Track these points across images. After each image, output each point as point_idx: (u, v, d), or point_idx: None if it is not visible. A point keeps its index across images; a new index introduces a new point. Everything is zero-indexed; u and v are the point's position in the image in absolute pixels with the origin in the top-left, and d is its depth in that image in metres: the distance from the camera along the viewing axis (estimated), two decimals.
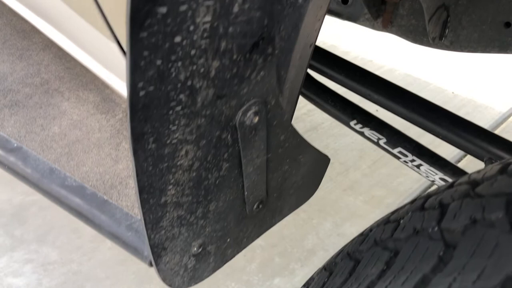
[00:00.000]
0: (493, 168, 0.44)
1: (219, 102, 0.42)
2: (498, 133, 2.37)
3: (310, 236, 1.72)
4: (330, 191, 1.92)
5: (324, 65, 1.22)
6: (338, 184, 1.97)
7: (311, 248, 1.66)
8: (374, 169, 2.05)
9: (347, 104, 1.24)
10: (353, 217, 1.80)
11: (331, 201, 1.87)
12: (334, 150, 2.16)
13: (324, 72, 1.23)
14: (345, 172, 2.03)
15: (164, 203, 0.49)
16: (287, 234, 1.72)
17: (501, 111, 2.49)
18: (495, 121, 2.42)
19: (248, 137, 0.51)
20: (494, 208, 0.35)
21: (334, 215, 1.81)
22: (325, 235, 1.72)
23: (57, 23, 0.75)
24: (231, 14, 0.34)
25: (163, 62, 0.34)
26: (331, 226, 1.76)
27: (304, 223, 1.77)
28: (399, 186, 1.96)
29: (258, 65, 0.41)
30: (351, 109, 1.22)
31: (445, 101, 2.61)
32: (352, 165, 2.07)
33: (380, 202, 1.87)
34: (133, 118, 0.36)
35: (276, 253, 1.63)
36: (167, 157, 0.43)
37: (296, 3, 0.43)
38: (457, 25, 0.91)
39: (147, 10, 0.30)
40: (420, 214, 0.43)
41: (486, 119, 2.45)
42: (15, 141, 0.72)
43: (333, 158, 2.13)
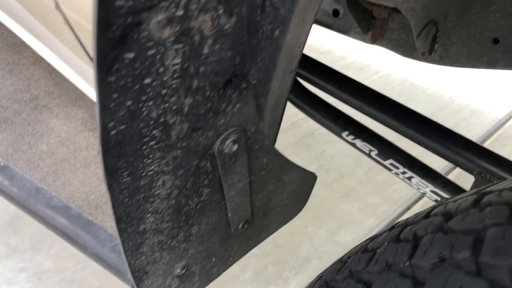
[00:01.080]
0: (468, 199, 0.45)
1: (195, 134, 0.42)
2: (495, 139, 2.37)
3: (305, 244, 1.72)
4: (325, 198, 1.93)
5: (317, 76, 1.22)
6: (333, 191, 1.97)
7: (305, 256, 1.66)
8: (369, 176, 2.05)
9: (339, 115, 1.24)
10: (348, 225, 1.80)
11: (326, 208, 1.87)
12: (330, 157, 2.16)
13: (316, 83, 1.23)
14: (340, 179, 2.03)
15: (143, 230, 0.49)
16: (282, 242, 1.72)
17: (498, 116, 2.49)
18: (492, 127, 2.42)
19: (228, 163, 0.51)
20: (461, 247, 0.35)
21: (329, 222, 1.81)
22: (320, 243, 1.72)
23: (45, 40, 0.75)
24: (201, 55, 0.34)
25: (133, 102, 0.34)
26: (326, 234, 1.76)
27: (298, 230, 1.77)
28: (394, 193, 1.96)
29: (233, 99, 0.41)
30: (343, 120, 1.22)
31: (442, 106, 2.61)
32: (348, 172, 2.07)
33: (375, 210, 1.88)
34: (105, 155, 0.36)
35: (270, 261, 1.63)
36: (144, 188, 0.43)
37: (272, 36, 0.43)
38: (446, 40, 0.91)
39: (114, 56, 0.30)
40: (395, 246, 0.43)
41: (483, 125, 2.45)
42: (2, 159, 0.72)
43: (329, 164, 2.14)
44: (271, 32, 0.43)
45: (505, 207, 0.38)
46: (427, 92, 2.71)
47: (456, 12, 0.87)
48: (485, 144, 2.29)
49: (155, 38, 0.31)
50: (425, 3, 0.81)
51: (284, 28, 0.43)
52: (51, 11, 0.44)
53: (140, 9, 0.28)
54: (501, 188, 0.44)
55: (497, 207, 0.39)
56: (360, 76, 2.80)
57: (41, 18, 0.56)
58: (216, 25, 0.33)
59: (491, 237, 0.35)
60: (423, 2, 0.80)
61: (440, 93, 2.69)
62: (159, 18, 0.30)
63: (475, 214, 0.40)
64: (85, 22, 0.42)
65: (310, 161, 2.13)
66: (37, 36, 0.78)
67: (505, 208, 0.38)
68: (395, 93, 2.67)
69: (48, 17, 0.49)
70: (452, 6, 0.87)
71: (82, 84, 0.73)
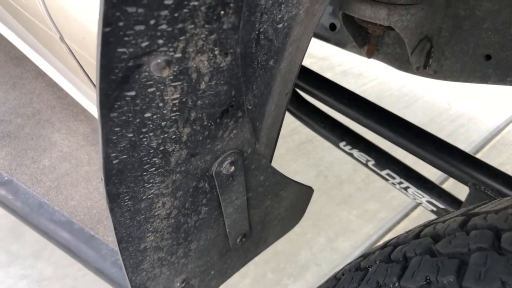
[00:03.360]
0: (456, 220, 0.46)
1: (193, 159, 0.44)
2: (492, 145, 2.39)
3: (304, 251, 1.73)
4: (324, 205, 1.94)
5: (315, 87, 1.24)
6: (332, 198, 1.99)
7: (304, 263, 1.68)
8: (367, 182, 2.07)
9: (336, 125, 1.26)
10: (346, 232, 1.82)
11: (325, 215, 1.89)
12: (328, 163, 2.18)
13: (314, 94, 1.25)
14: (339, 185, 2.05)
15: (143, 248, 0.51)
16: (281, 249, 1.74)
17: (495, 123, 2.51)
18: (490, 133, 2.44)
19: (225, 183, 0.53)
20: (447, 271, 0.37)
21: (327, 229, 1.83)
22: (318, 250, 1.74)
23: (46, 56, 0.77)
24: (198, 90, 0.36)
25: (134, 134, 0.36)
26: (325, 241, 1.78)
27: (298, 238, 1.79)
28: (392, 200, 1.97)
29: (229, 126, 0.43)
30: (340, 130, 1.24)
31: (440, 112, 2.63)
32: (346, 179, 2.09)
33: (373, 217, 1.89)
34: (108, 182, 0.38)
35: (269, 268, 1.65)
36: (144, 210, 0.45)
37: (267, 66, 0.45)
38: (440, 56, 0.93)
39: (116, 95, 0.32)
40: (385, 266, 0.45)
41: (481, 131, 2.47)
42: (6, 174, 0.74)
43: (327, 171, 2.16)
44: (266, 62, 0.44)
45: (489, 232, 0.40)
46: (425, 98, 2.73)
47: (449, 29, 0.89)
48: (483, 150, 2.31)
49: (155, 77, 0.33)
50: (419, 21, 0.83)
51: (278, 58, 0.45)
52: (56, 41, 0.46)
53: (140, 54, 0.30)
54: (487, 210, 0.46)
55: (481, 231, 0.41)
56: (359, 82, 2.82)
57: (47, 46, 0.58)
58: (213, 63, 0.35)
59: (474, 262, 0.37)
60: (416, 20, 0.82)
61: (438, 99, 2.71)
62: (158, 61, 0.32)
63: (461, 237, 0.42)
64: (87, 55, 0.43)
65: (309, 168, 2.15)
66: (40, 54, 0.80)
67: (489, 232, 0.40)
68: (393, 99, 2.70)
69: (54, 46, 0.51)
70: (445, 23, 0.89)
71: (85, 102, 0.75)
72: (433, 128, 2.46)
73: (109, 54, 0.29)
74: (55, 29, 0.46)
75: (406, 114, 2.56)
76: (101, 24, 0.26)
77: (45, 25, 0.48)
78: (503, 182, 0.95)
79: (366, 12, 0.80)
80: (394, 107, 2.62)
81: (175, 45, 0.31)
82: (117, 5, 0.26)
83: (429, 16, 0.87)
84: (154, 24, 0.29)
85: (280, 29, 0.43)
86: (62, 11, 0.43)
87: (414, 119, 2.52)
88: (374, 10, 0.79)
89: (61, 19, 0.44)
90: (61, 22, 0.45)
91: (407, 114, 2.57)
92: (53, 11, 0.45)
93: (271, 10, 0.41)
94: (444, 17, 0.89)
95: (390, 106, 2.63)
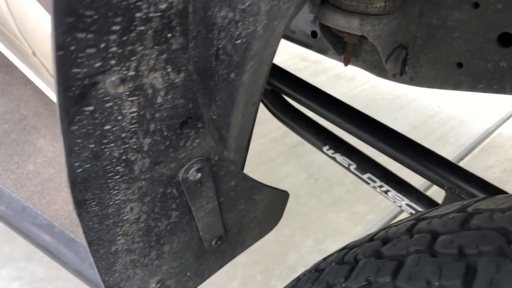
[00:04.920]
0: (405, 224, 0.49)
1: (157, 167, 0.47)
2: (482, 148, 2.42)
3: (292, 253, 1.76)
4: (313, 207, 1.97)
5: (299, 93, 1.27)
6: (321, 200, 2.02)
7: (292, 264, 1.71)
8: (357, 185, 2.09)
9: (320, 130, 1.29)
10: (335, 234, 1.85)
11: (314, 217, 1.92)
12: (319, 166, 2.21)
13: (299, 99, 1.28)
14: (329, 188, 2.07)
15: (115, 251, 0.54)
16: (270, 251, 1.76)
17: (485, 126, 2.54)
18: (480, 136, 2.47)
19: (193, 189, 0.56)
20: (385, 272, 0.40)
21: (316, 231, 1.86)
22: (307, 251, 1.77)
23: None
24: (155, 104, 0.39)
25: (96, 145, 0.39)
26: (313, 243, 1.80)
27: (286, 239, 1.82)
28: (381, 202, 2.00)
29: (191, 136, 0.46)
30: (324, 134, 1.27)
31: (431, 115, 2.65)
32: (336, 181, 2.12)
33: (362, 219, 1.92)
34: (73, 189, 0.41)
35: (258, 270, 1.68)
36: (112, 215, 0.48)
37: (228, 78, 0.48)
38: (415, 63, 0.96)
39: (75, 110, 0.35)
40: (338, 267, 0.47)
41: (471, 134, 2.50)
42: None
43: (318, 173, 2.18)
44: (227, 75, 0.47)
45: (428, 235, 0.43)
46: (417, 101, 2.76)
47: (423, 37, 0.92)
48: (472, 153, 2.34)
49: (111, 93, 0.36)
50: (391, 30, 0.86)
51: (239, 71, 0.48)
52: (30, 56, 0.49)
53: (95, 74, 0.33)
54: (434, 215, 0.49)
55: (422, 235, 0.44)
56: (352, 85, 2.85)
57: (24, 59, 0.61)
58: (167, 80, 0.38)
59: (409, 263, 0.39)
60: (389, 29, 0.85)
61: (430, 103, 2.74)
62: (113, 79, 0.34)
63: (405, 240, 0.45)
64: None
65: (299, 170, 2.18)
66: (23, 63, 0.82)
67: (428, 236, 0.43)
68: (385, 102, 2.72)
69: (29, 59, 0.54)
70: (420, 31, 0.92)
71: None
72: (424, 131, 2.49)
73: (64, 74, 0.32)
74: (27, 45, 0.49)
75: (398, 117, 2.59)
76: (54, 48, 0.29)
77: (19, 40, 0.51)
78: (476, 186, 0.98)
79: (340, 22, 0.83)
80: (386, 110, 2.65)
81: (127, 64, 0.34)
82: (67, 31, 0.29)
83: (402, 26, 0.90)
84: (105, 47, 0.32)
85: (238, 45, 0.46)
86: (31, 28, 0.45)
87: (405, 122, 2.55)
88: (347, 20, 0.82)
89: (31, 36, 0.47)
90: (32, 39, 0.47)
91: (399, 117, 2.60)
92: (23, 28, 0.48)
93: (228, 27, 0.44)
94: (418, 26, 0.92)
95: (382, 109, 2.66)
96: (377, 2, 0.80)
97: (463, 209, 0.47)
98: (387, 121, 2.61)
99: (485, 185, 0.98)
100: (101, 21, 0.29)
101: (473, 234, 0.39)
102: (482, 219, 0.42)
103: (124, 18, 0.31)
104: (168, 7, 0.32)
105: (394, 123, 2.51)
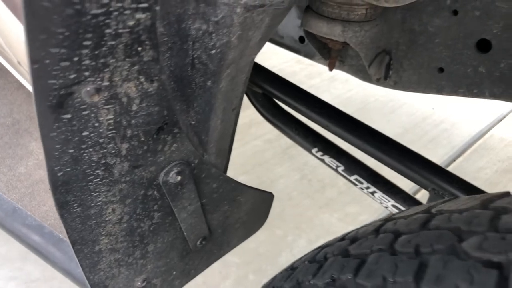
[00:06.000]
0: (374, 225, 0.52)
1: (136, 171, 0.49)
2: (474, 149, 2.44)
3: (284, 253, 1.78)
4: (306, 208, 1.99)
5: (288, 96, 1.30)
6: (315, 201, 2.04)
7: (284, 264, 1.72)
8: (350, 186, 2.11)
9: (309, 132, 1.31)
10: (327, 234, 1.87)
11: (307, 218, 1.94)
12: (312, 167, 2.23)
13: (288, 102, 1.31)
14: (322, 189, 2.10)
15: (98, 250, 0.56)
16: (263, 251, 1.79)
17: (478, 128, 2.56)
18: (472, 138, 2.49)
19: (174, 191, 0.58)
20: (348, 270, 0.42)
21: (309, 232, 1.88)
22: (299, 251, 1.79)
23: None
24: (131, 111, 0.42)
25: (75, 150, 0.41)
26: (306, 243, 1.83)
27: (279, 240, 1.84)
28: (373, 203, 2.02)
29: (168, 141, 0.48)
30: (313, 137, 1.30)
31: (424, 117, 2.68)
32: (329, 182, 2.14)
33: (354, 219, 1.94)
34: (55, 191, 0.44)
35: (250, 270, 1.70)
36: (94, 215, 0.51)
37: (205, 86, 0.50)
38: (399, 68, 0.99)
39: (53, 118, 0.37)
40: (308, 265, 0.50)
41: (463, 136, 2.52)
42: None
43: (311, 175, 2.21)
44: (203, 83, 0.50)
45: (391, 235, 0.46)
46: (410, 103, 2.78)
47: (406, 43, 0.95)
48: (464, 154, 2.37)
49: (87, 102, 0.38)
50: (374, 37, 0.88)
51: (215, 79, 0.51)
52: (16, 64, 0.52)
53: (70, 84, 0.35)
54: (401, 215, 0.52)
55: (385, 235, 0.46)
56: (346, 88, 2.88)
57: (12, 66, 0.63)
58: (140, 89, 0.41)
59: (370, 261, 0.42)
60: (371, 36, 0.87)
61: (423, 105, 2.76)
62: (88, 89, 0.37)
63: (371, 240, 0.47)
64: None
65: (293, 172, 2.20)
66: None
67: (391, 235, 0.45)
68: (379, 104, 2.75)
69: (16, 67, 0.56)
70: (402, 37, 0.94)
71: None
72: (417, 132, 2.52)
73: (41, 85, 0.34)
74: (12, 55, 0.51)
75: (392, 119, 2.62)
76: (29, 62, 0.32)
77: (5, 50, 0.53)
78: (458, 187, 1.00)
79: (323, 29, 0.86)
80: (380, 112, 2.68)
81: (101, 75, 0.37)
82: (40, 47, 0.32)
83: (385, 32, 0.92)
84: (78, 60, 0.34)
85: (213, 54, 0.48)
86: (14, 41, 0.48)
87: (399, 124, 2.57)
88: (330, 27, 0.84)
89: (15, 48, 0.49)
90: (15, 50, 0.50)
91: (393, 119, 2.62)
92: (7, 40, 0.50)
93: (202, 38, 0.46)
94: (401, 32, 0.94)
95: (376, 111, 2.69)
96: (358, 10, 0.82)
97: (428, 210, 0.49)
98: (381, 123, 2.64)
99: (467, 186, 1.01)
100: (72, 37, 0.32)
101: (430, 233, 0.42)
102: (441, 219, 0.44)
103: (94, 34, 0.33)
104: (136, 23, 0.35)
105: (388, 125, 2.53)
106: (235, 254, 1.78)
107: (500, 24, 0.80)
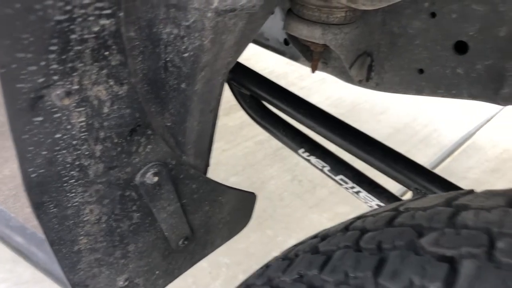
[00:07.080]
0: (344, 223, 0.53)
1: (112, 172, 0.50)
2: (463, 149, 2.47)
3: (274, 253, 1.79)
4: (296, 208, 2.01)
5: (275, 98, 1.31)
6: (305, 201, 2.05)
7: None
8: (340, 186, 2.13)
9: (296, 134, 1.33)
10: None
11: (297, 218, 1.96)
12: (303, 168, 2.25)
13: (275, 104, 1.32)
14: (312, 189, 2.11)
15: (78, 250, 0.57)
16: (253, 251, 1.80)
17: (467, 128, 2.59)
18: (461, 138, 2.52)
19: (152, 192, 0.59)
20: (314, 266, 0.44)
21: (299, 232, 1.89)
22: None
23: None
24: (103, 114, 0.43)
25: (48, 152, 0.42)
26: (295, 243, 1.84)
27: (269, 240, 1.86)
28: (362, 203, 2.04)
29: (142, 142, 0.50)
30: (300, 138, 1.31)
31: (415, 117, 2.70)
32: (319, 183, 2.16)
33: (343, 219, 1.95)
34: (29, 192, 0.45)
35: (240, 270, 1.71)
36: (72, 216, 0.52)
37: (179, 89, 0.51)
38: (380, 69, 1.00)
39: (24, 120, 0.38)
40: (280, 263, 0.51)
41: (452, 136, 2.54)
42: None
43: (301, 175, 2.22)
44: (177, 86, 0.51)
45: (358, 232, 0.47)
46: (400, 104, 2.81)
47: (387, 45, 0.96)
48: (453, 154, 2.39)
49: (58, 105, 0.39)
50: (354, 39, 0.90)
51: (190, 82, 0.52)
52: None
53: (39, 88, 0.36)
54: (371, 214, 0.53)
55: (353, 232, 0.48)
56: (336, 89, 2.89)
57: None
58: (111, 92, 0.42)
59: (335, 258, 0.43)
60: (351, 38, 0.89)
61: (413, 106, 2.78)
62: (58, 92, 0.38)
63: (340, 237, 0.49)
64: None
65: (284, 172, 2.22)
66: None
67: (357, 233, 0.47)
68: (369, 106, 2.77)
69: None
70: (383, 39, 0.96)
71: None
72: (407, 132, 2.54)
73: (10, 89, 0.35)
74: None
75: (382, 120, 2.64)
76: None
77: None
78: (440, 186, 1.02)
79: (303, 31, 0.87)
80: (370, 113, 2.70)
81: (70, 79, 0.38)
82: (7, 52, 0.33)
83: (365, 34, 0.94)
84: (45, 64, 0.36)
85: (186, 57, 0.50)
86: None
87: (389, 125, 2.59)
88: (310, 29, 0.86)
89: None
90: None
91: (383, 119, 2.64)
92: None
93: (174, 42, 0.47)
94: (382, 34, 0.96)
95: (366, 112, 2.71)
96: (337, 13, 0.84)
97: (396, 208, 0.51)
98: (371, 123, 2.66)
99: (449, 185, 1.02)
100: (37, 42, 0.33)
101: (393, 230, 0.43)
102: (406, 217, 0.45)
103: (59, 39, 0.34)
104: (101, 29, 0.36)
105: (378, 125, 2.55)
106: (226, 254, 1.79)
107: (476, 27, 0.82)
